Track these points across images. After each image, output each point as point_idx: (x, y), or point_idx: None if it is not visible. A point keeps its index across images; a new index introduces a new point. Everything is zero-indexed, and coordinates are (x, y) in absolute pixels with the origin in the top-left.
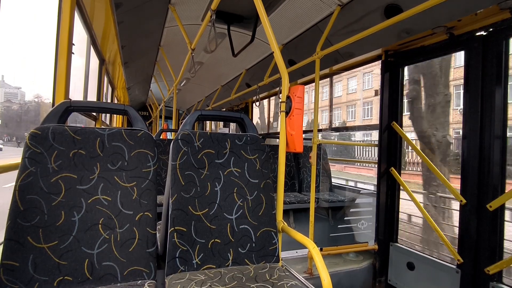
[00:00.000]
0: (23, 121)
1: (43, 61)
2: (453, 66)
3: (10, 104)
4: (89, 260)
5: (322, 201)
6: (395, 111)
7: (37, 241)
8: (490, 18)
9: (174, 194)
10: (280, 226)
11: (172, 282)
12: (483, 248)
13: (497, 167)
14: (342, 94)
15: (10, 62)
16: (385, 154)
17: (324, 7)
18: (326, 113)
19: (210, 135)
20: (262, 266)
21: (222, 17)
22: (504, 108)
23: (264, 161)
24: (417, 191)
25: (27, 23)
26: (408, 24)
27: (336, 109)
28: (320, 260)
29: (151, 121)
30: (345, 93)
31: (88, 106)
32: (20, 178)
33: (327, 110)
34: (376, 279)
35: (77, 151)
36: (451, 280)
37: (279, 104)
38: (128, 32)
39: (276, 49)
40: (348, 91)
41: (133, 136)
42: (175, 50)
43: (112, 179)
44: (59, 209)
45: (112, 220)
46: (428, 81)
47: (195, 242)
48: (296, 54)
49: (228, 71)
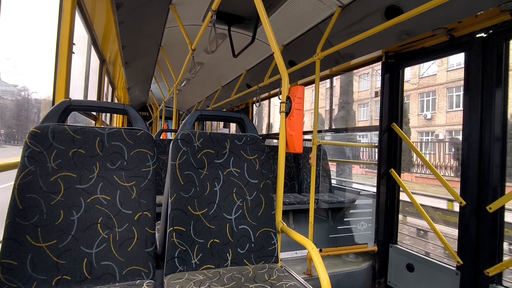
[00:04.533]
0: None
1: (41, 57)
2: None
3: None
4: (88, 260)
5: (322, 202)
6: (395, 113)
7: (36, 240)
8: (490, 20)
9: (173, 194)
10: (279, 226)
11: (171, 282)
12: (483, 250)
13: (497, 168)
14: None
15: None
16: (385, 156)
17: (325, 8)
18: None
19: (210, 135)
20: (261, 267)
21: (222, 17)
22: (504, 110)
23: (263, 161)
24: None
25: (27, 23)
26: (409, 26)
27: (362, 106)
28: (319, 261)
29: (151, 121)
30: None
31: (88, 106)
32: (19, 177)
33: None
34: (376, 280)
35: (76, 150)
36: (450, 282)
37: (279, 104)
38: (129, 32)
39: (277, 50)
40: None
41: (132, 136)
42: (176, 50)
43: (111, 179)
44: (58, 208)
45: (111, 220)
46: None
47: (194, 242)
48: (296, 55)
49: (229, 71)
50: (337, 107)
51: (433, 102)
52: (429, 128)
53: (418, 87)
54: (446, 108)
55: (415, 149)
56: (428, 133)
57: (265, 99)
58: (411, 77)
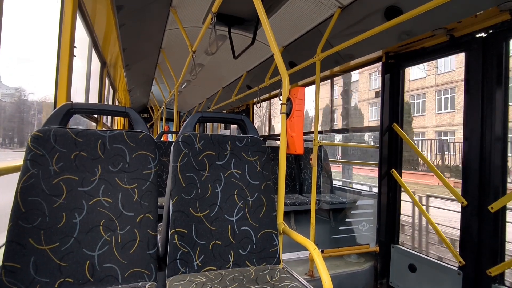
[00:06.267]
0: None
1: (40, 58)
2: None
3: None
4: (90, 262)
5: (323, 202)
6: (395, 113)
7: (38, 243)
8: (490, 19)
9: (174, 196)
10: (281, 227)
11: (173, 284)
12: (484, 249)
13: (498, 168)
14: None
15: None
16: (386, 156)
17: (325, 9)
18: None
19: (211, 137)
20: (263, 268)
21: (223, 19)
22: (504, 109)
23: (264, 162)
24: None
25: (28, 24)
26: (409, 26)
27: (373, 105)
28: (321, 262)
29: (152, 123)
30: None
31: (90, 108)
32: (21, 180)
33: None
34: (378, 281)
35: (78, 153)
36: (453, 282)
37: (280, 106)
38: (129, 35)
39: (277, 51)
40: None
41: (134, 138)
42: (176, 52)
43: (113, 181)
44: (61, 211)
45: (113, 222)
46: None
47: (195, 244)
48: (296, 56)
49: (229, 73)
50: (342, 108)
51: (452, 100)
52: (447, 128)
53: (435, 84)
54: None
55: (416, 150)
56: (447, 133)
57: (265, 100)
58: (428, 74)
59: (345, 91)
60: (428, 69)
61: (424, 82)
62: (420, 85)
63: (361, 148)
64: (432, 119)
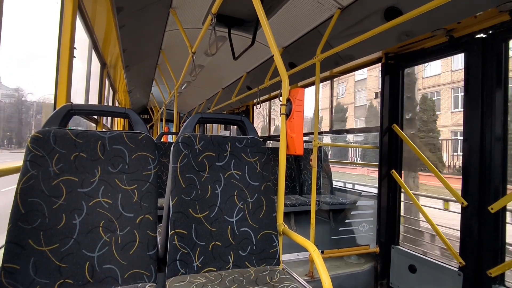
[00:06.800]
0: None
1: (40, 57)
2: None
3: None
4: (90, 263)
5: (323, 203)
6: (395, 114)
7: (38, 244)
8: (490, 20)
9: (174, 197)
10: (280, 228)
11: (173, 285)
12: (485, 250)
13: (498, 169)
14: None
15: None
16: (386, 157)
17: (324, 10)
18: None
19: (211, 138)
20: (263, 269)
21: (222, 20)
22: (504, 110)
23: (264, 163)
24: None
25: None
26: (408, 27)
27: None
28: (321, 263)
29: (152, 124)
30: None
31: (90, 110)
32: (21, 181)
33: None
34: (378, 282)
35: (78, 154)
36: (453, 283)
37: (280, 106)
38: (130, 36)
39: (276, 52)
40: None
41: (134, 139)
42: (176, 53)
43: (113, 182)
44: (60, 212)
45: (112, 223)
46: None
47: (195, 245)
48: (296, 57)
49: (229, 74)
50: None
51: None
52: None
53: (451, 81)
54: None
55: (416, 150)
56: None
57: (265, 101)
58: (442, 71)
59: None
60: (443, 65)
61: (439, 79)
62: (435, 82)
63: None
64: (447, 118)
